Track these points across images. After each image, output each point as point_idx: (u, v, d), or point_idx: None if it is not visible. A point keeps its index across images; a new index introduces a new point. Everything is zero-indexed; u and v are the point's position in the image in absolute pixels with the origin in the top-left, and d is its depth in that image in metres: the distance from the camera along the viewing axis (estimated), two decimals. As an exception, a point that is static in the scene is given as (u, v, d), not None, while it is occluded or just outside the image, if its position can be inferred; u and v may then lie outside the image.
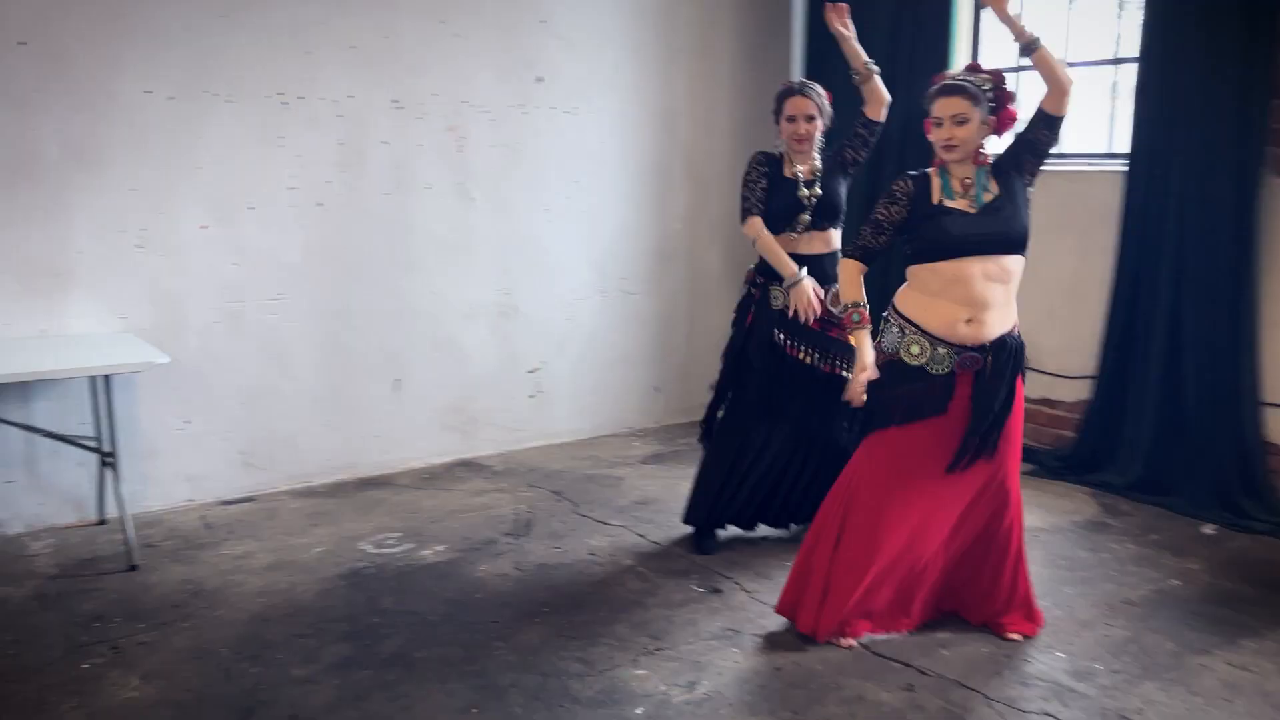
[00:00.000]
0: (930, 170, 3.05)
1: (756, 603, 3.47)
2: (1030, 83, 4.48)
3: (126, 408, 4.16)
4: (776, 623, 3.32)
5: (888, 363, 3.07)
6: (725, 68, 5.64)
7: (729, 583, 3.63)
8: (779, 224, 3.78)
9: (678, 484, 4.71)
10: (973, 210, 2.97)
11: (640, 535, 4.08)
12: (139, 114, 4.10)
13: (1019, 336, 3.06)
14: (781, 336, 3.79)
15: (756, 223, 3.78)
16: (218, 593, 3.54)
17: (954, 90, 2.97)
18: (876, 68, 3.75)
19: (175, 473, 4.35)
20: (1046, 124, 3.00)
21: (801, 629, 3.19)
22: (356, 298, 4.70)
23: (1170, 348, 4.37)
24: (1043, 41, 2.95)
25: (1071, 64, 4.95)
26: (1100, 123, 4.86)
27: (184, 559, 3.82)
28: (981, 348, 2.99)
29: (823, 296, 3.76)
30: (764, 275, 3.87)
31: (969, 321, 2.96)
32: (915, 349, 3.01)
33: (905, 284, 3.11)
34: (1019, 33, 2.97)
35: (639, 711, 2.81)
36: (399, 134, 4.71)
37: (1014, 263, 2.98)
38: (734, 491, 3.91)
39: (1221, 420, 4.26)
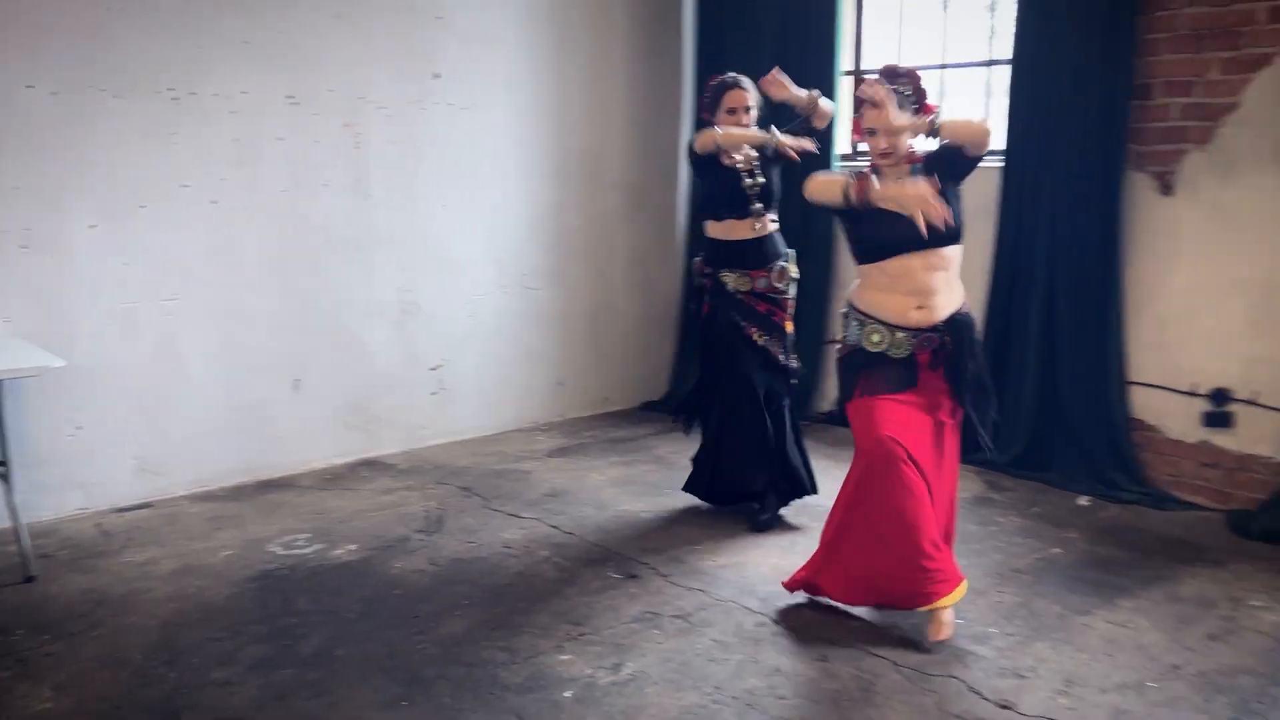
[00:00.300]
0: (866, 171, 3.20)
1: (673, 586, 3.58)
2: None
3: (13, 415, 3.98)
4: (694, 603, 3.44)
5: (851, 352, 3.28)
6: (619, 65, 5.74)
7: (645, 568, 3.73)
8: (726, 211, 4.06)
9: (586, 475, 4.80)
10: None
11: (554, 527, 4.14)
12: (20, 111, 3.95)
13: (969, 312, 3.28)
14: (737, 318, 4.08)
15: (706, 133, 4.02)
16: (124, 600, 3.45)
17: (861, 102, 3.17)
18: (817, 93, 4.00)
19: (67, 481, 4.20)
20: (971, 160, 3.16)
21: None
22: (254, 297, 4.62)
23: (1045, 333, 4.66)
24: (939, 118, 3.10)
25: (946, 65, 5.23)
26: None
27: (83, 568, 3.71)
28: (935, 328, 3.20)
29: (769, 273, 4.08)
30: (712, 265, 4.12)
31: (919, 308, 3.17)
32: (875, 337, 3.22)
33: (858, 282, 3.31)
34: (921, 128, 3.13)
35: (567, 695, 2.88)
36: (295, 130, 4.65)
37: (952, 251, 3.18)
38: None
39: (1093, 399, 4.57)
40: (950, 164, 3.16)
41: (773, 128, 3.98)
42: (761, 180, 4.05)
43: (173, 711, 2.77)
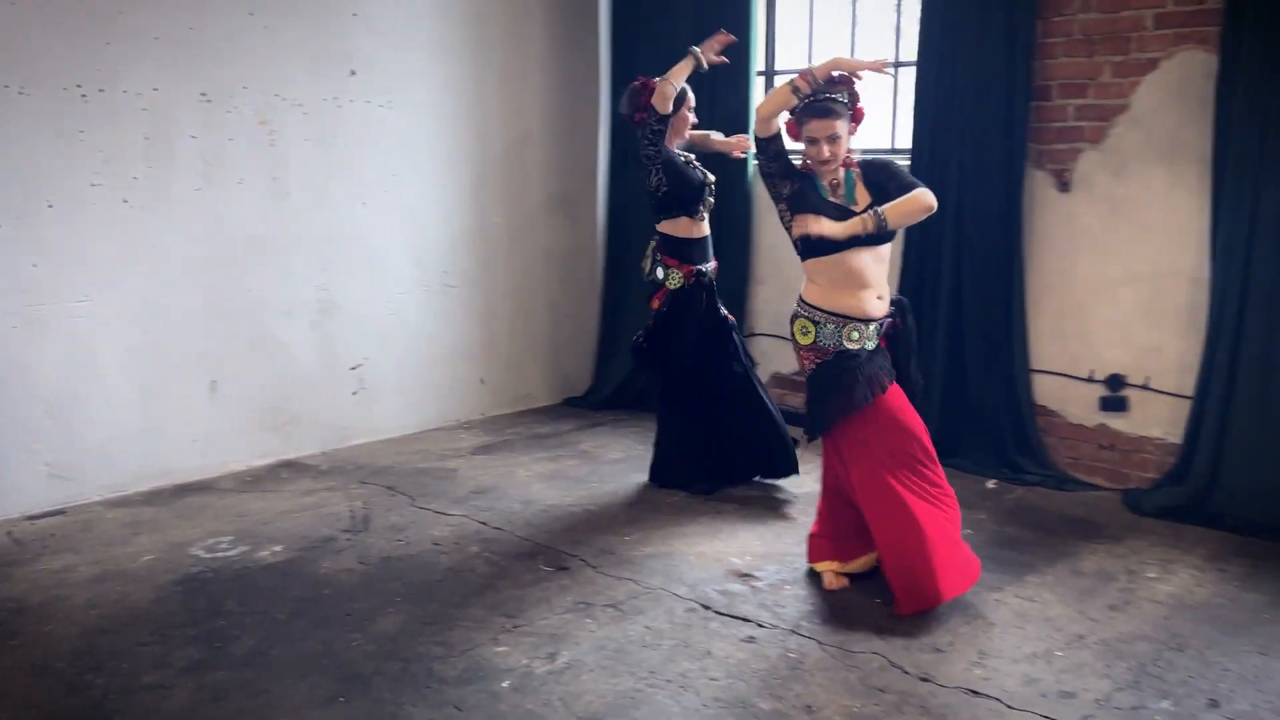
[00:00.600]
0: (806, 169, 3.47)
1: (604, 576, 3.65)
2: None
3: (-84, 422, 3.87)
4: (625, 592, 3.51)
5: (837, 354, 3.39)
6: (537, 61, 5.77)
7: (575, 560, 3.79)
8: (695, 208, 4.33)
9: (512, 471, 4.83)
10: (855, 209, 3.38)
11: (482, 523, 4.17)
12: (-80, 105, 3.82)
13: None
14: (721, 308, 4.46)
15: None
16: (43, 608, 3.37)
17: (827, 112, 3.34)
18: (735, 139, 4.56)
19: (-26, 489, 4.08)
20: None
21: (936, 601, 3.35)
22: (168, 298, 4.53)
23: (953, 324, 4.85)
24: (885, 215, 3.30)
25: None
26: (884, 122, 5.32)
27: (-3, 578, 3.61)
28: (889, 313, 3.48)
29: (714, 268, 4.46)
30: (689, 261, 4.37)
31: (879, 298, 3.42)
32: (855, 334, 3.39)
33: (811, 286, 3.45)
34: (862, 228, 3.30)
35: (505, 685, 2.92)
36: (208, 128, 4.57)
37: (887, 248, 3.46)
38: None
39: (998, 387, 4.78)
40: (882, 184, 3.43)
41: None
42: (714, 177, 4.40)
43: (104, 718, 2.73)
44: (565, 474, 4.81)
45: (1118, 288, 4.53)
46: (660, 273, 4.34)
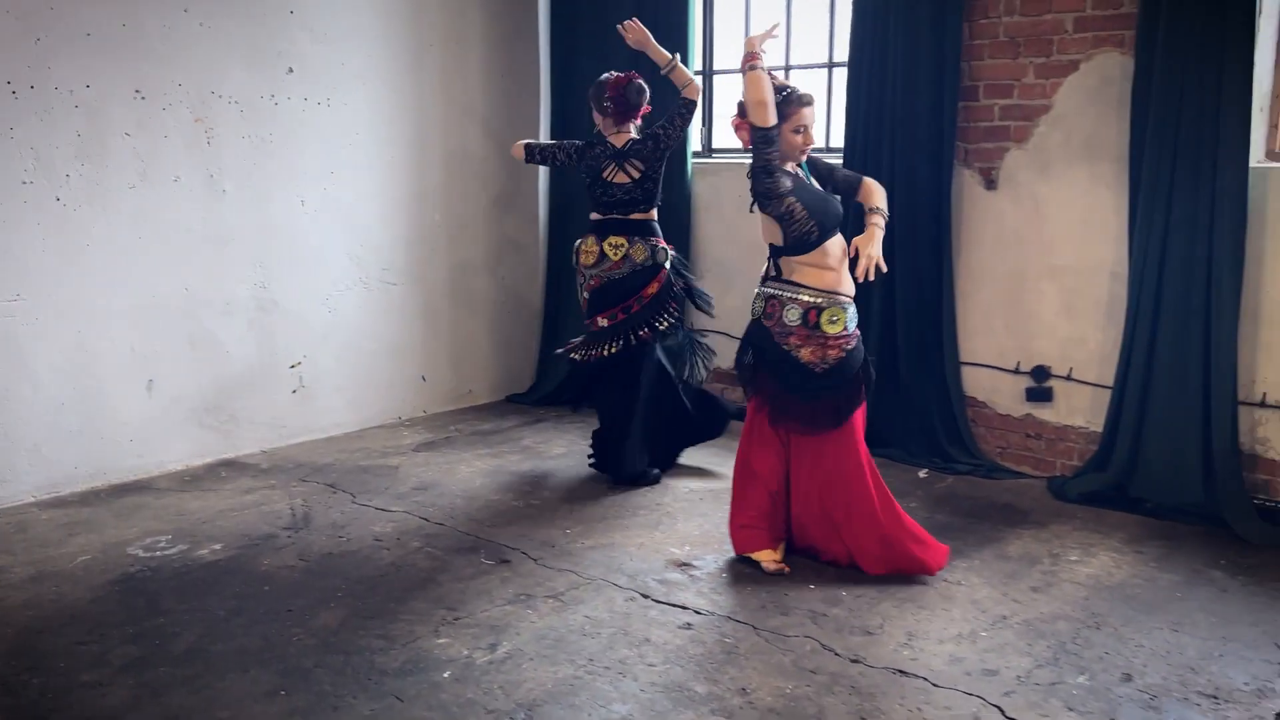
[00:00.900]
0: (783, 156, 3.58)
1: (544, 568, 3.70)
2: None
3: None
4: (566, 583, 3.57)
5: (857, 343, 3.62)
6: (476, 60, 5.80)
7: (517, 553, 3.84)
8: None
9: (455, 467, 4.86)
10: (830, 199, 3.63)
11: (424, 519, 4.20)
12: None
13: None
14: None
15: (518, 145, 4.67)
16: (-24, 610, 3.34)
17: (810, 101, 3.56)
18: (677, 56, 4.42)
19: (-97, 491, 4.01)
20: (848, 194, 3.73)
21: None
22: (103, 297, 4.49)
23: (886, 317, 4.97)
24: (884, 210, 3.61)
25: (791, 67, 5.52)
26: (819, 121, 5.42)
27: (-72, 580, 3.56)
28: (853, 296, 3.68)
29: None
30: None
31: (846, 275, 3.59)
32: (835, 317, 3.52)
33: (798, 274, 3.55)
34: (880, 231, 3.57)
35: (446, 675, 2.96)
36: (143, 125, 4.54)
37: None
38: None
39: (929, 379, 4.92)
40: (823, 177, 3.72)
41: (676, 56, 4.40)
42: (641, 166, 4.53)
43: (40, 717, 2.73)
44: (507, 469, 4.85)
45: (1042, 282, 4.68)
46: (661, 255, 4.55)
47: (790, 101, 3.51)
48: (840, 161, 5.06)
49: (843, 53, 5.17)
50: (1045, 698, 2.87)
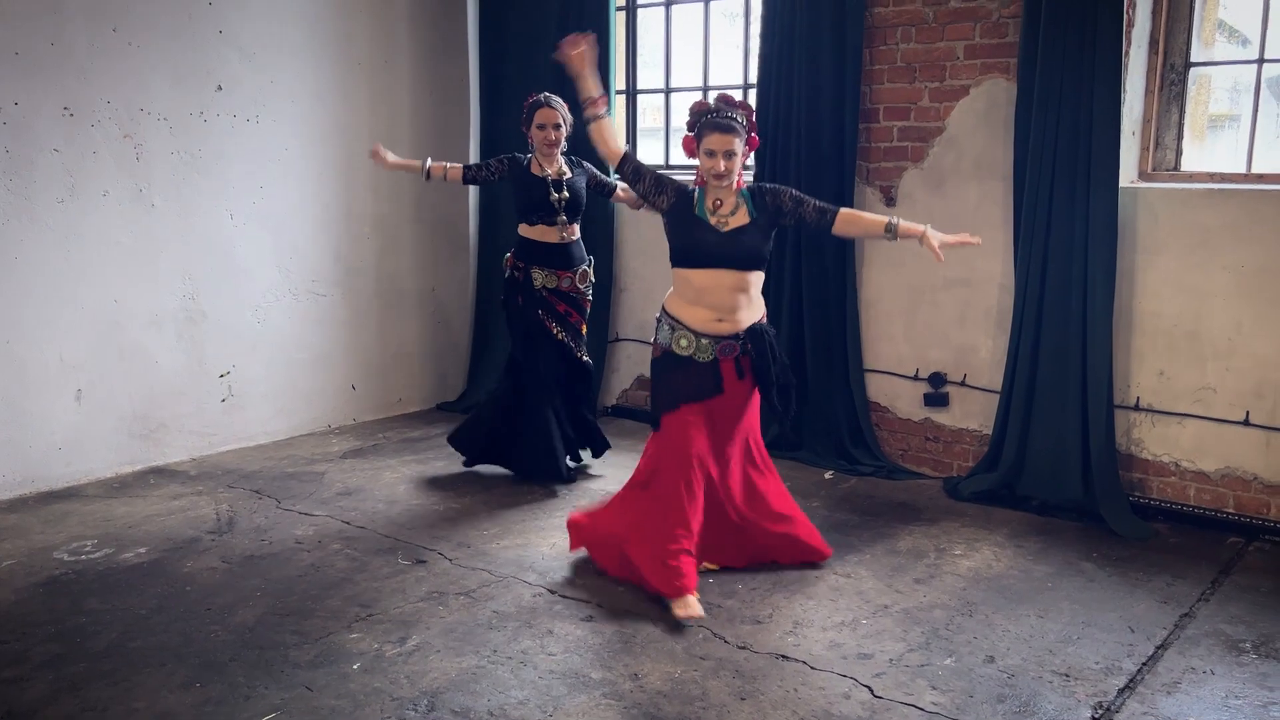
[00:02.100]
0: (694, 186, 3.67)
1: (459, 568, 3.88)
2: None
3: None
4: (478, 581, 3.76)
5: (663, 354, 3.71)
6: (404, 79, 5.97)
7: (433, 554, 4.01)
8: (533, 216, 4.66)
9: (380, 474, 5.02)
10: (723, 229, 3.60)
11: (346, 522, 4.36)
12: None
13: (768, 325, 3.75)
14: (541, 314, 4.72)
15: (438, 167, 4.82)
16: (-100, 613, 3.44)
17: (727, 128, 3.54)
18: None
19: None
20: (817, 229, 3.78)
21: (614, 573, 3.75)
22: (30, 308, 4.60)
23: (794, 328, 5.22)
24: (899, 222, 3.74)
25: (710, 88, 5.76)
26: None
27: None
28: (736, 336, 3.64)
29: (574, 275, 4.75)
30: (524, 260, 4.71)
31: (720, 320, 3.62)
32: (684, 342, 3.65)
33: (671, 290, 3.73)
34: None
35: (356, 667, 3.14)
36: (71, 141, 4.66)
37: (754, 275, 3.66)
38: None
39: (835, 386, 5.17)
40: (772, 217, 3.67)
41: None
42: (567, 195, 4.68)
43: (-39, 710, 2.86)
44: (432, 475, 5.02)
45: (937, 293, 4.96)
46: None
47: (701, 125, 3.62)
48: (751, 177, 5.32)
49: (754, 74, 5.42)
50: (913, 678, 3.11)
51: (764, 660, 3.20)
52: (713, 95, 4.14)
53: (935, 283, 4.96)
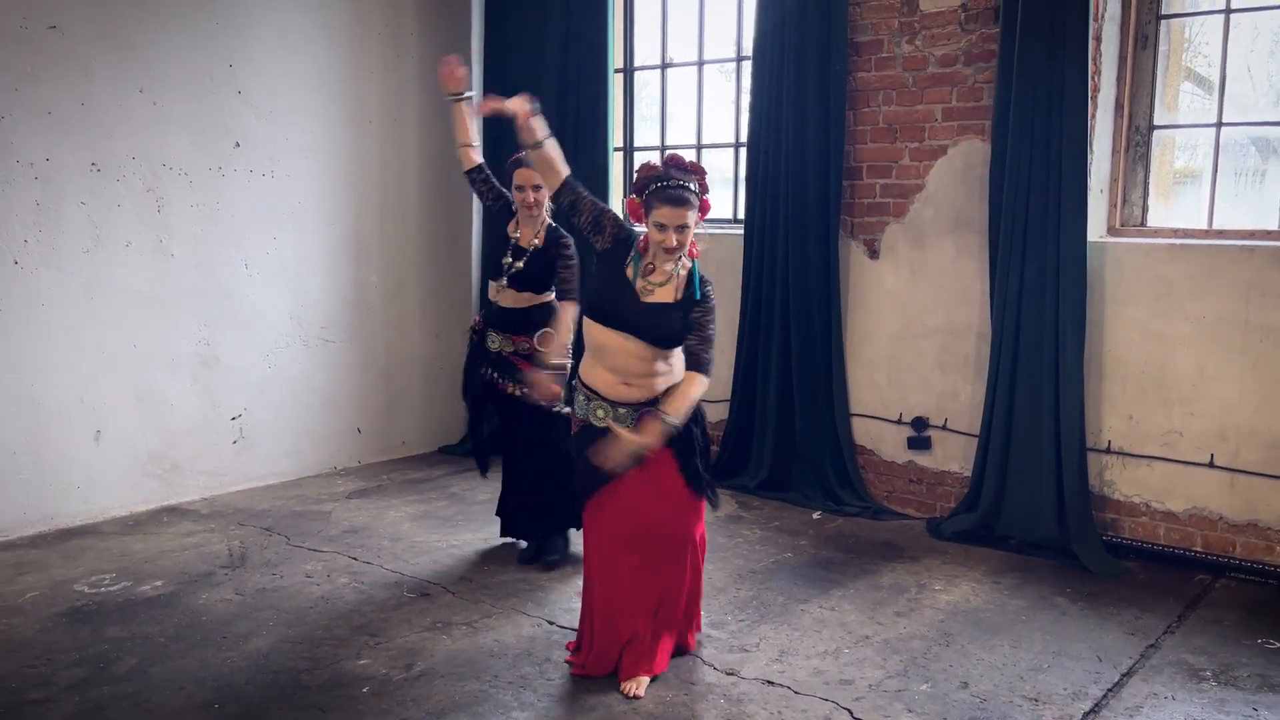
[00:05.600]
0: (638, 243, 3.31)
1: (461, 600, 4.07)
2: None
3: None
4: (480, 613, 3.95)
5: (582, 427, 3.37)
6: (412, 134, 6.26)
7: (437, 587, 4.21)
8: (493, 271, 4.42)
9: (385, 513, 5.23)
10: (643, 298, 3.26)
11: (353, 558, 4.55)
12: None
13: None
14: (492, 373, 4.42)
15: (469, 148, 4.47)
16: (-68, 640, 3.63)
17: (679, 200, 3.17)
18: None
19: None
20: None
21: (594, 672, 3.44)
22: (53, 352, 4.82)
23: (783, 375, 5.46)
24: (670, 418, 3.21)
25: (703, 146, 6.06)
26: (728, 195, 5.97)
27: (-116, 615, 3.84)
28: (654, 401, 3.29)
29: (531, 340, 4.32)
30: (483, 318, 4.52)
31: (627, 384, 3.29)
32: (600, 412, 3.32)
33: (583, 367, 3.42)
34: (653, 442, 3.21)
35: (365, 690, 3.32)
36: (97, 194, 4.92)
37: (664, 351, 3.29)
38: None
39: (823, 430, 5.39)
40: (690, 311, 3.30)
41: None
42: (520, 266, 4.26)
43: (-6, 728, 3.04)
44: (434, 514, 5.22)
45: (919, 341, 5.21)
46: None
47: (650, 194, 3.23)
48: (742, 233, 5.59)
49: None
50: (890, 702, 3.30)
51: (750, 686, 3.39)
52: (660, 157, 3.77)
53: (917, 331, 5.21)
